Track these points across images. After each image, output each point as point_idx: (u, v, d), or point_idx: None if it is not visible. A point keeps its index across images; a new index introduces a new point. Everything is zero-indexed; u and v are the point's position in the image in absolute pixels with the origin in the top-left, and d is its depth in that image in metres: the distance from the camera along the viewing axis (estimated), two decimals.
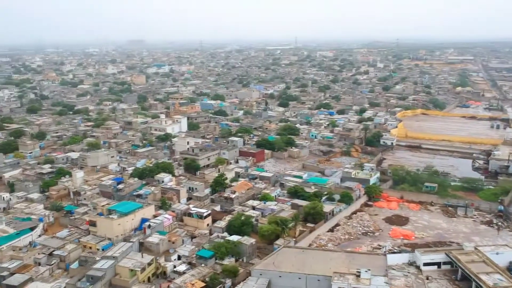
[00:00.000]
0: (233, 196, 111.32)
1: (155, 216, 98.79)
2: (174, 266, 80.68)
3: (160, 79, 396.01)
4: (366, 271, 69.38)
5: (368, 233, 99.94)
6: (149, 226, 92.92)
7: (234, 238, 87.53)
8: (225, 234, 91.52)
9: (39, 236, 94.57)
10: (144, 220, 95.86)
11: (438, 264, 74.35)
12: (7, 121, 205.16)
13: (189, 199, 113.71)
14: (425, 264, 74.13)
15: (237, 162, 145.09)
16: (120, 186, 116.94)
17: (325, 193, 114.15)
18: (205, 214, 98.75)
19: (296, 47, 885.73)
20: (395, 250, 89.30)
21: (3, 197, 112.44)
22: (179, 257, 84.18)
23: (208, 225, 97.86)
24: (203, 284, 73.56)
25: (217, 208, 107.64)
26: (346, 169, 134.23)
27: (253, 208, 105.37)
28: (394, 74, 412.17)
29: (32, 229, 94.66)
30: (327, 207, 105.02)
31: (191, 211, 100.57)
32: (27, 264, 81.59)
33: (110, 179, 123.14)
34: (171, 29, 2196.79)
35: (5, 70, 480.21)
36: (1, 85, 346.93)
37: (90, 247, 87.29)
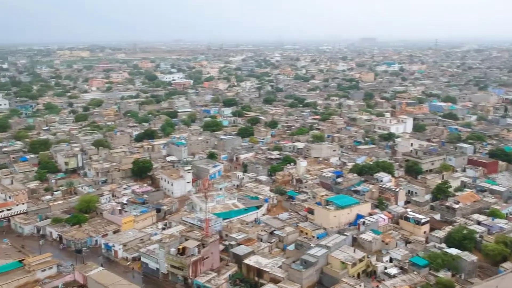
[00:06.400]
0: (456, 206, 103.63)
1: (370, 214, 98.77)
2: (385, 268, 79.63)
3: (389, 78, 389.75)
4: None
5: None
6: (364, 223, 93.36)
7: (453, 251, 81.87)
8: (443, 245, 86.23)
9: (263, 215, 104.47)
10: (359, 216, 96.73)
11: None
12: (247, 109, 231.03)
13: (407, 202, 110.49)
14: None
15: (464, 170, 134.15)
16: (339, 179, 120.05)
17: None
18: (423, 221, 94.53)
19: None
20: None
21: (238, 175, 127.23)
22: (390, 259, 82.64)
23: (425, 232, 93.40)
24: None
25: (437, 216, 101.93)
26: None
27: (479, 223, 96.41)
28: None
29: (258, 207, 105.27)
30: None
31: (408, 215, 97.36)
32: (250, 238, 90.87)
33: (330, 172, 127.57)
34: (404, 27, 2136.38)
35: (249, 64, 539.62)
36: (245, 77, 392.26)
37: (306, 233, 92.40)
